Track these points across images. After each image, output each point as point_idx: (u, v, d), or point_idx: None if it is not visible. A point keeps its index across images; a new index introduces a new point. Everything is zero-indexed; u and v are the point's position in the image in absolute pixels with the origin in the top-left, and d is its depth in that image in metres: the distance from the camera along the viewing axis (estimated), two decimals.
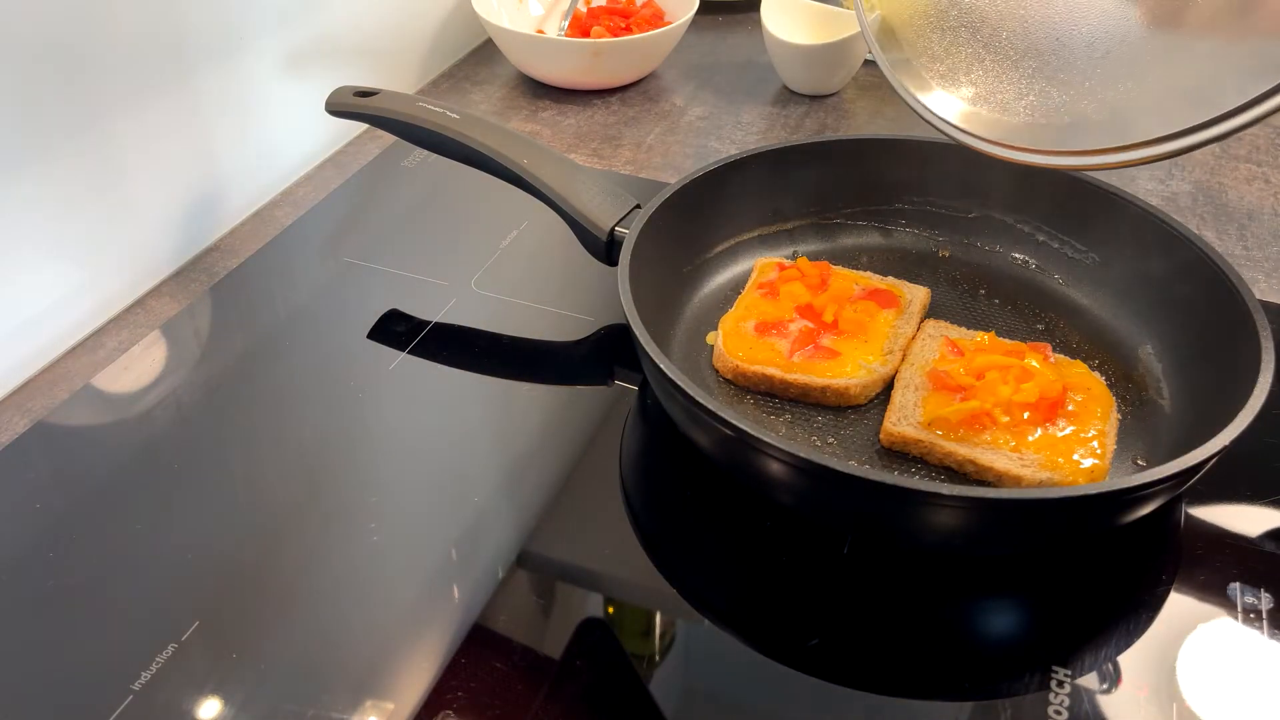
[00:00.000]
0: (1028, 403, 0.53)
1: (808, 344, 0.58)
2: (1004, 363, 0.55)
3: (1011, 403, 0.53)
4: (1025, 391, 0.53)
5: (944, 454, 0.53)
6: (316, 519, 0.53)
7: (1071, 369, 0.56)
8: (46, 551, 0.50)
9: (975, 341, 0.58)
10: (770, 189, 0.68)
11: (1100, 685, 0.45)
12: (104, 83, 0.63)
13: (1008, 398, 0.53)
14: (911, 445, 0.54)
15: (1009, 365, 0.55)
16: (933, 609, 0.48)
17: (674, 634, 0.48)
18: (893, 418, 0.54)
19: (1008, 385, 0.53)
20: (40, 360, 0.63)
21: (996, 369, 0.54)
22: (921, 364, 0.57)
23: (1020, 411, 0.53)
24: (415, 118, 0.65)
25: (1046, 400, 0.53)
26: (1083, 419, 0.53)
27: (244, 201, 0.78)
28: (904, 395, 0.56)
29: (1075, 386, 0.54)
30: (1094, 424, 0.53)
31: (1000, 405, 0.53)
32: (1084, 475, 0.50)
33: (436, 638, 0.47)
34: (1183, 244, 0.58)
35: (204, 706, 0.44)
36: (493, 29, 0.92)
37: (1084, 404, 0.54)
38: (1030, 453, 0.51)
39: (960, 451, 0.52)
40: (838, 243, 0.69)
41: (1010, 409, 0.53)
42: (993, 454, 0.52)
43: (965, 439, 0.53)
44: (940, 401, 0.54)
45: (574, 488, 0.55)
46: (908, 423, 0.54)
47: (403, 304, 0.67)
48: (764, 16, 0.92)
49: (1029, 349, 0.56)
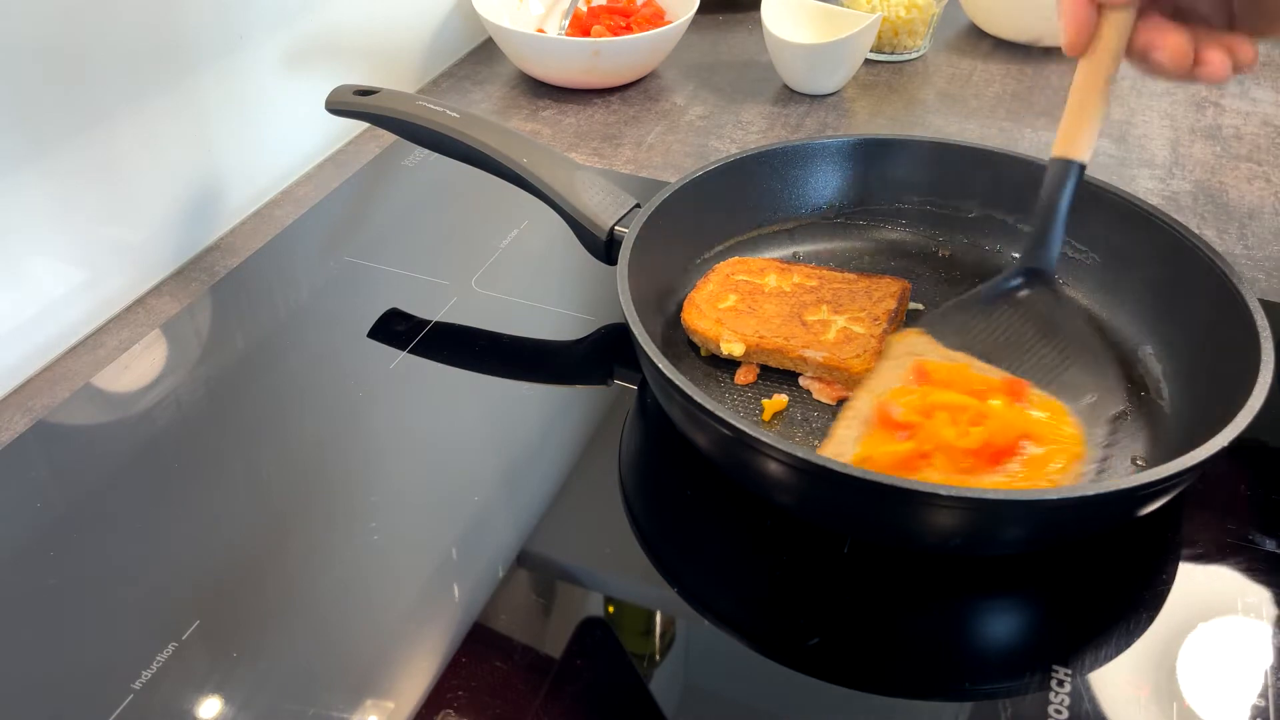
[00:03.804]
0: (969, 449, 0.48)
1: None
2: (960, 402, 0.50)
3: (953, 447, 0.48)
4: (971, 436, 0.49)
5: None
6: (317, 519, 0.53)
7: (1044, 413, 0.51)
8: (46, 551, 0.51)
9: (948, 367, 0.54)
10: (770, 188, 0.68)
11: (1100, 685, 0.45)
12: (104, 83, 0.63)
13: (949, 442, 0.49)
14: None
15: (964, 406, 0.50)
16: (933, 608, 0.48)
17: (674, 634, 0.48)
18: (828, 450, 0.51)
19: (955, 428, 0.49)
20: (41, 359, 0.63)
21: (947, 409, 0.50)
22: (879, 392, 0.53)
23: (961, 458, 0.48)
24: (415, 117, 0.65)
25: (992, 448, 0.48)
26: (1035, 466, 0.48)
27: (244, 200, 0.78)
28: (846, 429, 0.52)
29: (1039, 435, 0.50)
30: (1048, 471, 0.48)
31: (940, 449, 0.49)
32: None
33: (436, 637, 0.47)
34: (1183, 244, 0.58)
35: (204, 706, 0.44)
36: (493, 28, 0.92)
37: (1043, 455, 0.49)
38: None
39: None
40: (837, 242, 0.69)
41: (951, 453, 0.48)
42: None
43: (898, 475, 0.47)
44: (878, 440, 0.50)
45: (574, 488, 0.55)
46: (840, 459, 0.49)
47: (403, 303, 0.67)
48: (764, 16, 0.92)
49: (1003, 386, 0.52)
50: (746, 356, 0.59)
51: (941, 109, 0.92)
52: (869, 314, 0.59)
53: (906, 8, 0.96)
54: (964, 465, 0.48)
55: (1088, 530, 0.49)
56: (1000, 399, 0.51)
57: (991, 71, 0.99)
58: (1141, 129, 0.88)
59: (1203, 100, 0.93)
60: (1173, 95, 0.94)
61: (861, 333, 0.58)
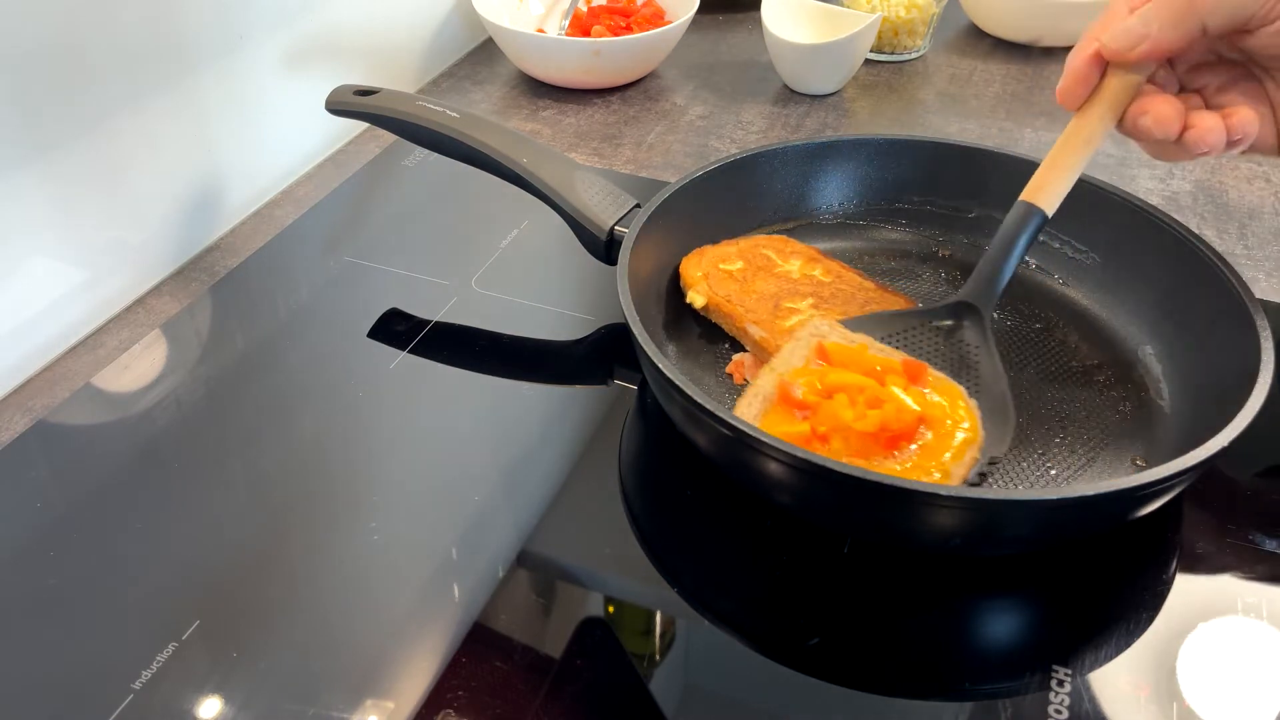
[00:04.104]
0: (866, 431, 0.48)
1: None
2: (859, 383, 0.51)
3: (850, 429, 0.48)
4: (867, 419, 0.49)
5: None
6: (317, 519, 0.53)
7: (944, 397, 0.51)
8: (46, 551, 0.51)
9: (848, 349, 0.54)
10: (770, 188, 0.68)
11: (1100, 685, 0.45)
12: (104, 82, 0.63)
13: (847, 423, 0.49)
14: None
15: (863, 387, 0.50)
16: (933, 608, 0.48)
17: (674, 634, 0.48)
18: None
19: (853, 409, 0.49)
20: (41, 359, 0.63)
21: (847, 390, 0.50)
22: (783, 370, 0.53)
23: (857, 441, 0.48)
24: (415, 116, 0.65)
25: (888, 432, 0.48)
26: (931, 452, 0.49)
27: (244, 200, 0.78)
28: (748, 405, 0.52)
29: (935, 420, 0.50)
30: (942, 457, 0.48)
31: (837, 430, 0.49)
32: None
33: (436, 637, 0.47)
34: (1183, 244, 0.58)
35: (204, 705, 0.44)
36: (493, 28, 0.92)
37: (940, 438, 0.49)
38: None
39: None
40: (837, 242, 0.69)
41: (848, 436, 0.49)
42: None
43: None
44: (778, 419, 0.50)
45: (574, 487, 0.55)
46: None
47: (403, 303, 0.67)
48: (764, 16, 0.92)
49: (902, 367, 0.52)
50: (706, 311, 0.62)
51: (941, 109, 0.92)
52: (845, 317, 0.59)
53: (906, 8, 0.96)
54: (860, 448, 0.49)
55: (1088, 530, 0.49)
56: (899, 381, 0.51)
57: (991, 71, 0.99)
58: None
59: None
60: None
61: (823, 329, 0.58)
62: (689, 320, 0.62)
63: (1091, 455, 0.54)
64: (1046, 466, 0.53)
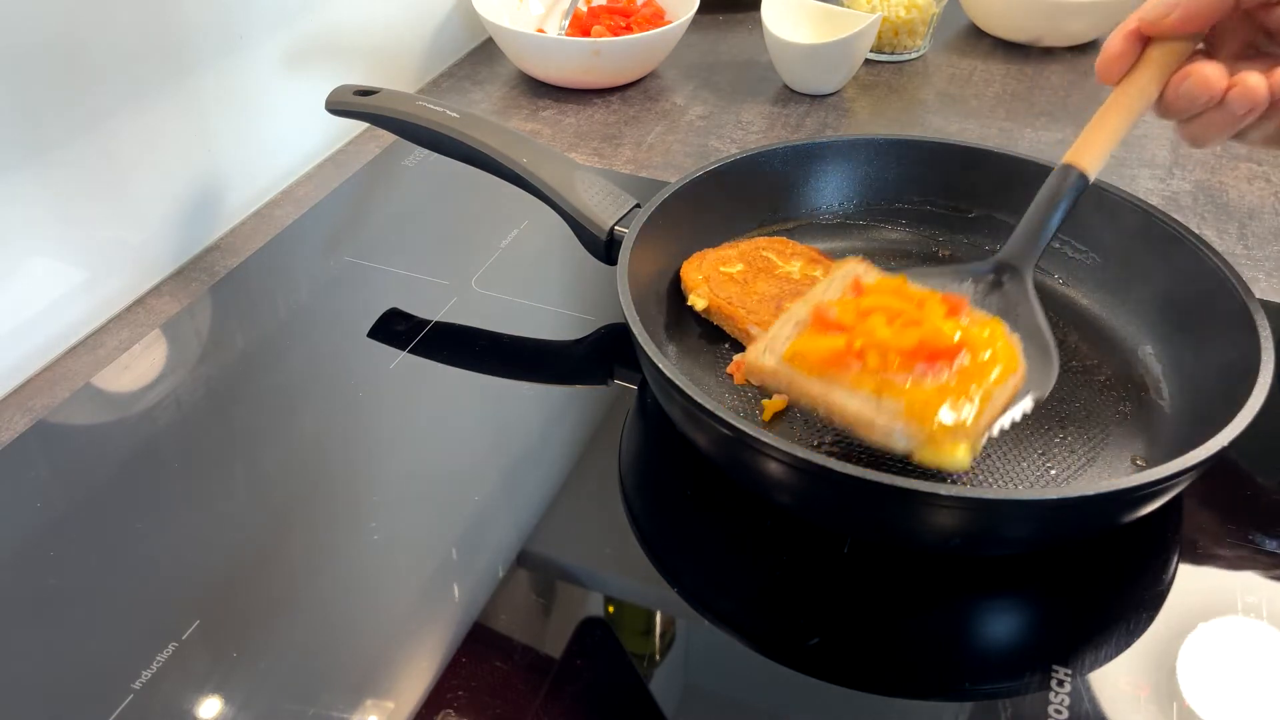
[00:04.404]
0: (904, 348, 0.46)
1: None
2: (896, 306, 0.49)
3: (887, 345, 0.47)
4: (904, 335, 0.47)
5: (800, 392, 0.48)
6: (317, 518, 0.53)
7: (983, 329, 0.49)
8: (46, 551, 0.51)
9: (886, 281, 0.52)
10: (770, 188, 0.68)
11: (1100, 685, 0.45)
12: (104, 82, 0.63)
13: (883, 340, 0.47)
14: (768, 379, 0.49)
15: (900, 310, 0.49)
16: (933, 608, 0.48)
17: (674, 634, 0.48)
18: (759, 347, 0.50)
19: (890, 328, 0.48)
20: (41, 359, 0.63)
21: (884, 310, 0.49)
22: (815, 300, 0.52)
23: (894, 356, 0.46)
24: (415, 117, 0.65)
25: (927, 348, 0.47)
26: (969, 376, 0.46)
27: (244, 200, 0.78)
28: (780, 328, 0.51)
29: (978, 345, 0.48)
30: (982, 383, 0.46)
31: (873, 346, 0.47)
32: (945, 432, 0.45)
33: (436, 637, 0.47)
34: (1183, 244, 0.58)
35: (204, 705, 0.44)
36: (493, 28, 0.92)
37: (980, 364, 0.47)
38: (890, 399, 0.46)
39: (814, 389, 0.47)
40: (837, 242, 0.69)
41: (884, 352, 0.47)
42: (848, 395, 0.47)
43: (825, 376, 0.47)
44: (812, 337, 0.49)
45: (574, 487, 0.55)
46: (771, 355, 0.49)
47: (403, 303, 0.67)
48: (764, 16, 0.92)
49: (942, 299, 0.50)
50: (707, 313, 0.61)
51: (941, 109, 0.92)
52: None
53: (906, 8, 0.96)
54: (896, 364, 0.46)
55: (1088, 530, 0.49)
56: (938, 310, 0.50)
57: (991, 71, 0.99)
58: (1142, 129, 0.88)
59: None
60: None
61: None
62: (689, 320, 0.62)
63: (1091, 455, 0.54)
64: (1046, 466, 0.53)
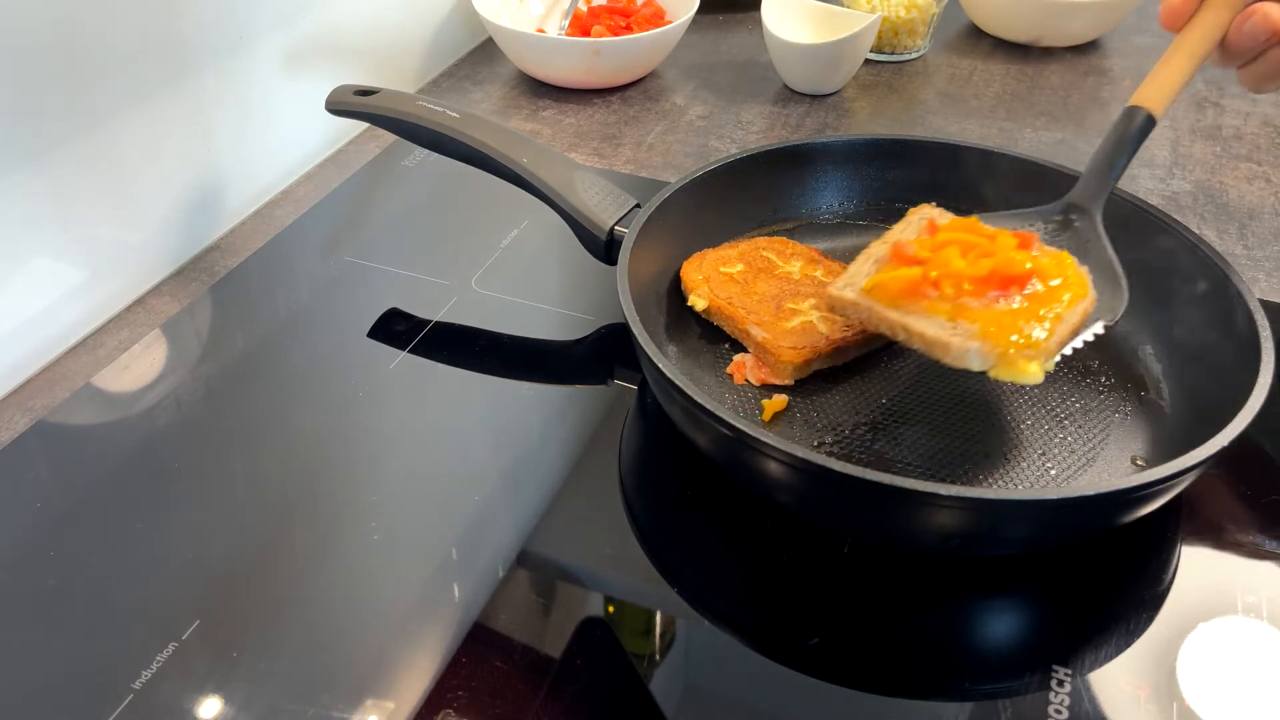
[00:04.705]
0: (978, 276, 0.49)
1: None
2: (970, 240, 0.52)
3: (961, 274, 0.50)
4: (978, 265, 0.50)
5: (879, 319, 0.51)
6: (317, 518, 0.53)
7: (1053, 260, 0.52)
8: (46, 551, 0.51)
9: (960, 221, 0.55)
10: (770, 188, 0.68)
11: (1100, 685, 0.45)
12: (104, 83, 0.63)
13: (958, 269, 0.50)
14: (849, 310, 0.53)
15: (974, 244, 0.51)
16: (933, 608, 0.48)
17: (674, 634, 0.48)
18: (840, 282, 0.54)
19: (964, 259, 0.50)
20: (41, 359, 0.63)
21: (958, 244, 0.51)
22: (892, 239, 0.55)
23: (967, 284, 0.49)
24: (415, 117, 0.65)
25: (999, 275, 0.49)
26: (1040, 300, 0.49)
27: (244, 200, 0.78)
28: (860, 265, 0.55)
29: (1048, 273, 0.50)
30: (1053, 306, 0.49)
31: (948, 275, 0.50)
32: (1019, 349, 0.47)
33: (436, 637, 0.47)
34: (1183, 244, 0.58)
35: (204, 705, 0.44)
36: (493, 28, 0.92)
37: (1051, 289, 0.50)
38: (965, 322, 0.48)
39: (892, 316, 0.50)
40: (838, 242, 0.69)
41: (957, 280, 0.49)
42: (925, 321, 0.49)
43: (902, 305, 0.50)
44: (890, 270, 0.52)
45: (574, 487, 0.55)
46: (851, 289, 0.53)
47: (403, 303, 0.67)
48: (764, 16, 0.92)
49: (1013, 234, 0.53)
50: (708, 313, 0.62)
51: (941, 109, 0.92)
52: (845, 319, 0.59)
53: (906, 8, 0.96)
54: (969, 291, 0.49)
55: (1089, 530, 0.49)
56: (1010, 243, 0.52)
57: (991, 71, 0.99)
58: None
59: (1203, 100, 0.93)
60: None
61: (822, 332, 0.58)
62: (689, 320, 0.62)
63: (1091, 455, 0.54)
64: (1046, 466, 0.53)
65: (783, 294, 0.61)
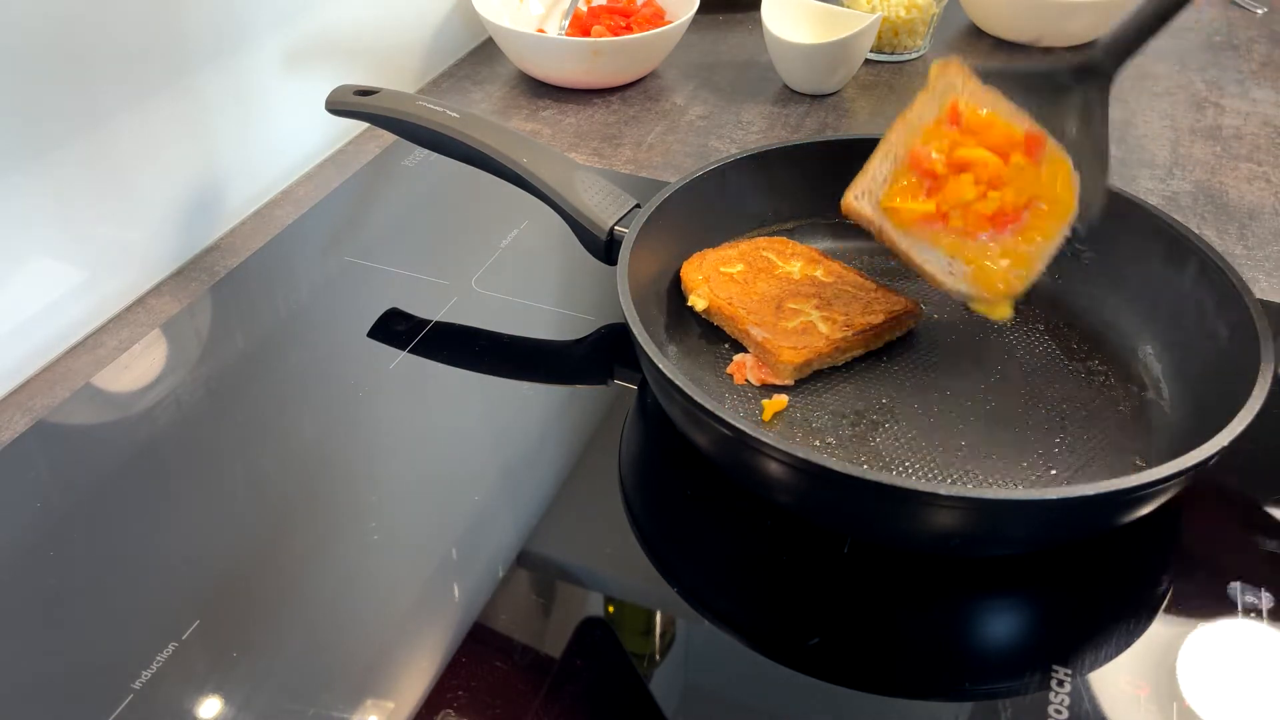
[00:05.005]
0: (984, 214, 0.54)
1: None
2: (985, 159, 0.55)
3: (969, 209, 0.54)
4: (988, 201, 0.54)
5: (888, 238, 0.55)
6: (317, 519, 0.53)
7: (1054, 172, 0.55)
8: (46, 551, 0.51)
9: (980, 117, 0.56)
10: (771, 188, 0.68)
11: (1100, 685, 0.45)
12: (104, 82, 0.63)
13: (969, 202, 0.54)
14: (863, 222, 0.56)
15: (987, 163, 0.54)
16: (933, 608, 0.48)
17: (674, 634, 0.48)
18: (858, 189, 0.56)
19: (975, 189, 0.54)
20: (41, 359, 0.63)
21: (974, 168, 0.54)
22: (915, 129, 0.56)
23: (974, 218, 0.54)
24: (415, 117, 0.65)
25: (1003, 214, 0.54)
26: (1033, 230, 0.54)
27: (244, 200, 0.78)
28: (880, 165, 0.56)
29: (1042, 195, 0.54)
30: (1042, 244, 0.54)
31: (958, 209, 0.54)
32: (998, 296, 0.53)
33: (436, 637, 0.47)
34: (1183, 244, 0.58)
35: (204, 705, 0.44)
36: (493, 28, 0.92)
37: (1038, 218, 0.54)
38: (961, 263, 0.54)
39: (901, 244, 0.55)
40: (838, 242, 0.69)
41: (966, 214, 0.54)
42: (928, 253, 0.54)
43: (912, 232, 0.55)
44: (906, 190, 0.55)
45: (574, 488, 0.55)
46: (868, 200, 0.56)
47: (403, 303, 0.67)
48: (764, 16, 0.92)
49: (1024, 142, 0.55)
50: (708, 314, 0.62)
51: None
52: (846, 319, 0.59)
53: (906, 8, 0.96)
54: (975, 227, 0.54)
55: (1089, 530, 0.49)
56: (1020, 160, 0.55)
57: None
58: (1141, 129, 0.88)
59: (1203, 100, 0.93)
60: (1173, 96, 0.94)
61: (822, 332, 0.58)
62: (689, 320, 0.63)
63: (1091, 455, 0.54)
64: (1046, 466, 0.53)
65: (783, 294, 0.61)
